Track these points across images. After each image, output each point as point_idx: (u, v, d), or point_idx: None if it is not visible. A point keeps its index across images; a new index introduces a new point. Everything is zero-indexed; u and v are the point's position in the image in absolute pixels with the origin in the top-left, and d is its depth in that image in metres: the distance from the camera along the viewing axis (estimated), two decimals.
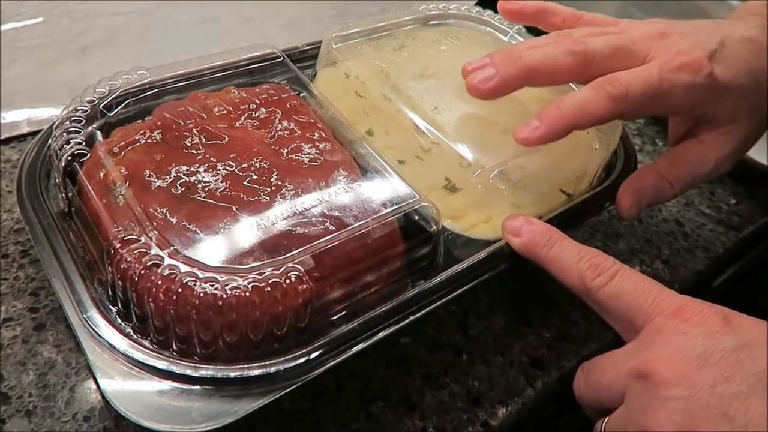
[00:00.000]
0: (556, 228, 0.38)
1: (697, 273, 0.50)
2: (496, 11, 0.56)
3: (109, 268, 0.32)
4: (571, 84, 0.44)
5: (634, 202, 0.43)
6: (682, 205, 0.56)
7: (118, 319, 0.33)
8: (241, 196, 0.36)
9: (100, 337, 0.32)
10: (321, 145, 0.41)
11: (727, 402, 0.28)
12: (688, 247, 0.52)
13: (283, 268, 0.32)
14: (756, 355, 0.29)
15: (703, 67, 0.39)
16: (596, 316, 0.35)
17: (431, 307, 0.36)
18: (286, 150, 0.40)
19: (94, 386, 0.36)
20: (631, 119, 0.43)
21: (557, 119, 0.38)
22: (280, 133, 0.41)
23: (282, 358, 0.32)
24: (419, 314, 0.36)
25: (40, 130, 0.43)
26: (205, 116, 0.41)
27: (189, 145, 0.39)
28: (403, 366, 0.40)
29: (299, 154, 0.40)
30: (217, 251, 0.33)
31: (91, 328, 0.32)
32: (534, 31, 0.50)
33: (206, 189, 0.36)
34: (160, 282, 0.31)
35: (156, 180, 0.36)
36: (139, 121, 0.40)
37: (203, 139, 0.39)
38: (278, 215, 0.36)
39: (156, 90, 0.42)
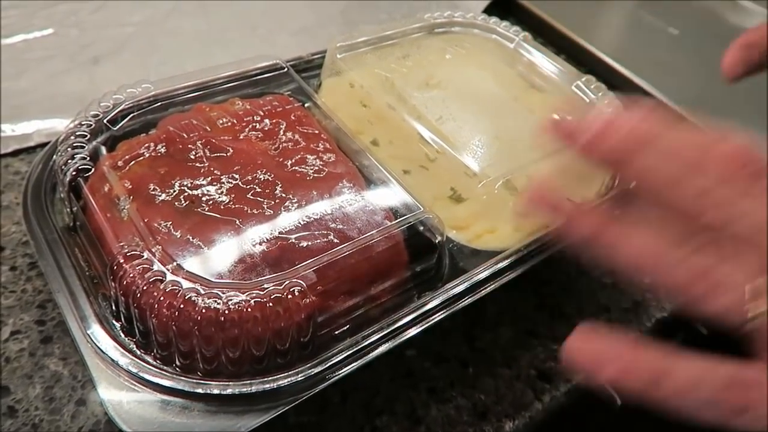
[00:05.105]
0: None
1: None
2: (502, 18, 0.56)
3: (113, 284, 0.32)
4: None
5: (739, 58, 0.38)
6: None
7: (122, 335, 0.33)
8: (245, 209, 0.36)
9: (103, 353, 0.32)
10: (325, 157, 0.41)
11: None
12: None
13: (285, 283, 0.32)
14: None
15: None
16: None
17: (436, 319, 0.36)
18: (290, 162, 0.40)
19: (99, 400, 0.36)
20: None
21: None
22: (284, 144, 0.41)
23: (285, 373, 0.32)
24: (424, 326, 0.35)
25: (49, 142, 0.43)
26: (209, 129, 0.41)
27: (193, 158, 0.39)
28: (409, 379, 0.40)
29: (303, 166, 0.40)
30: (220, 265, 0.33)
31: (94, 343, 0.32)
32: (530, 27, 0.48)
33: (210, 202, 0.36)
34: (162, 298, 0.31)
35: (160, 194, 0.36)
36: (144, 134, 0.41)
37: (207, 152, 0.39)
38: (281, 228, 0.35)
39: (160, 103, 0.43)
